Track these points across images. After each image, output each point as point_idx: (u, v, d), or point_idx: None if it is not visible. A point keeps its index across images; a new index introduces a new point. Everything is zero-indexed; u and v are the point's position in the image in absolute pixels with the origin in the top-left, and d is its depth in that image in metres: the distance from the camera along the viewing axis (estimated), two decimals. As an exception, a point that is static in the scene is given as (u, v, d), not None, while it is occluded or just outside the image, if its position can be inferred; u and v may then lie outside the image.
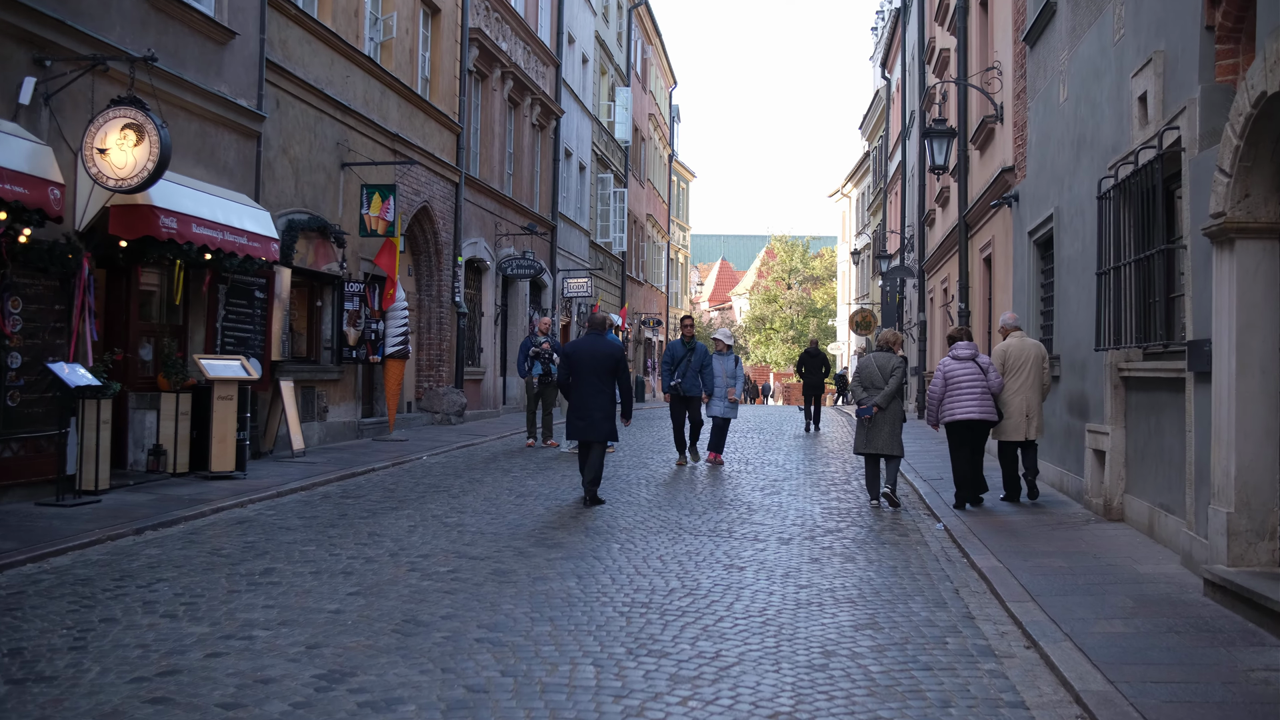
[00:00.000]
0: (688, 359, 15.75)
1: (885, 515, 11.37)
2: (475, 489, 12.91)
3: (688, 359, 15.75)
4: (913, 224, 31.80)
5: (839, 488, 13.50)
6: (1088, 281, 11.07)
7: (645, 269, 49.94)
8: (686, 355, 15.78)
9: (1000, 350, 11.83)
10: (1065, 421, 12.06)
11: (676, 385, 15.68)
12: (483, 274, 26.37)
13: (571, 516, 10.83)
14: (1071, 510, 10.98)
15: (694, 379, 15.72)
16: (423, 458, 16.47)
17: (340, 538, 9.48)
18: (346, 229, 18.08)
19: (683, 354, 15.81)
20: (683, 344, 16.01)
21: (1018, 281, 15.01)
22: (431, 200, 22.28)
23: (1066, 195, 12.11)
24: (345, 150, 18.15)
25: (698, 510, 11.41)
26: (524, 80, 28.03)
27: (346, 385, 18.49)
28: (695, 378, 15.73)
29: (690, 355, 15.79)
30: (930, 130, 17.62)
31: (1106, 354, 10.17)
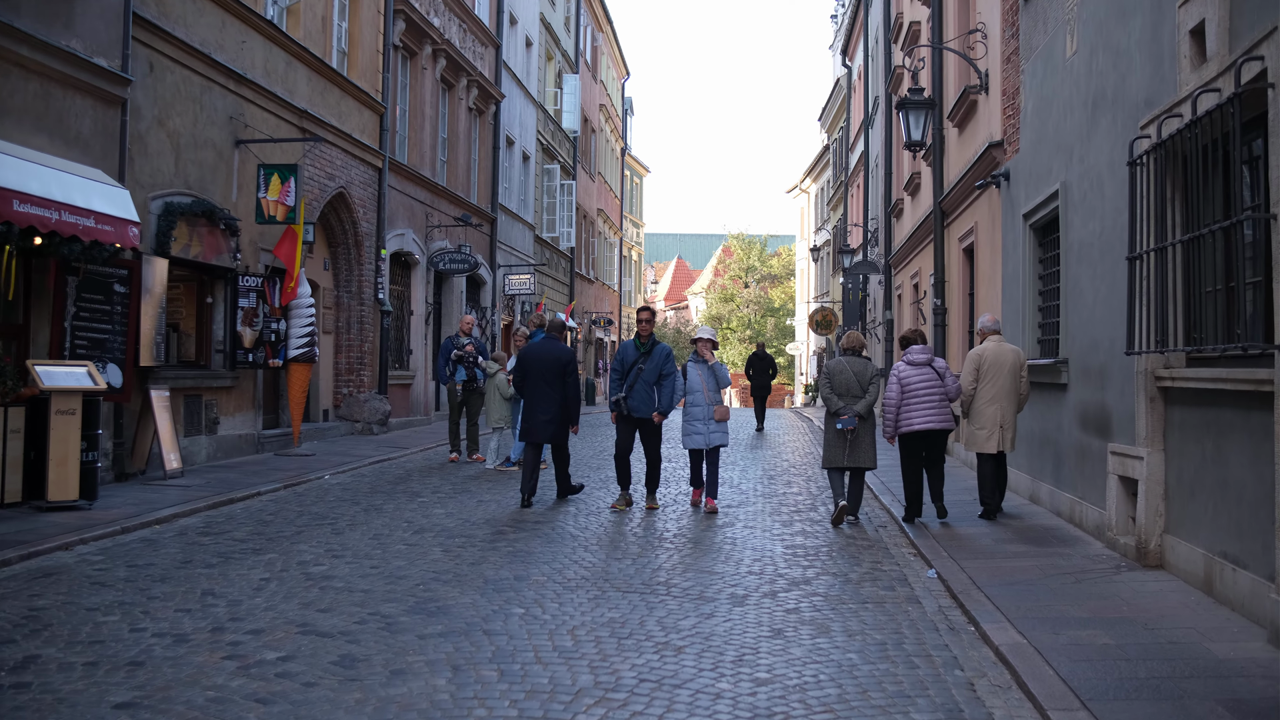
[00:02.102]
0: (639, 365, 11.67)
1: (860, 553, 9.29)
2: (368, 521, 10.71)
3: (639, 365, 11.67)
4: (877, 217, 29.87)
5: (804, 516, 11.41)
6: (1110, 269, 9.04)
7: (596, 266, 47.79)
8: (639, 360, 11.71)
9: (975, 355, 10.81)
10: (1077, 439, 10.03)
11: (620, 401, 11.68)
12: (412, 268, 24.13)
13: (472, 563, 8.66)
14: (1092, 550, 8.93)
15: (645, 394, 11.61)
16: (325, 477, 14.25)
17: (163, 600, 7.26)
18: (242, 215, 15.81)
19: (634, 358, 11.73)
20: (636, 344, 11.79)
21: (1009, 273, 12.99)
22: (349, 186, 20.01)
23: (1077, 167, 10.09)
24: (241, 126, 15.87)
25: (632, 552, 9.27)
26: (459, 60, 25.81)
27: (243, 393, 16.21)
28: (648, 392, 11.62)
29: (644, 360, 11.72)
30: (906, 101, 15.58)
31: (1141, 359, 8.14)
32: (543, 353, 12.31)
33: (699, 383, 11.66)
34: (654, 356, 11.70)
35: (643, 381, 11.61)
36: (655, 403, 11.62)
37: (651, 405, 11.60)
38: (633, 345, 11.79)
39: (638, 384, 11.57)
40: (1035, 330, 11.97)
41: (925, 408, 10.52)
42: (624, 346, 11.85)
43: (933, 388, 10.56)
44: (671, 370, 11.74)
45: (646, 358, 11.67)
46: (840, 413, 10.76)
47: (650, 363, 11.68)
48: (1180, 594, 7.29)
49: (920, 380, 10.58)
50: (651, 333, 11.90)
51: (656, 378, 11.63)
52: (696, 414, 11.66)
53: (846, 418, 10.67)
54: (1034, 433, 11.70)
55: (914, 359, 10.71)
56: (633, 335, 11.88)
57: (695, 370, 11.76)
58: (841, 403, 10.81)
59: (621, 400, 11.66)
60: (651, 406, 11.62)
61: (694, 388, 11.71)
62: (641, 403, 11.58)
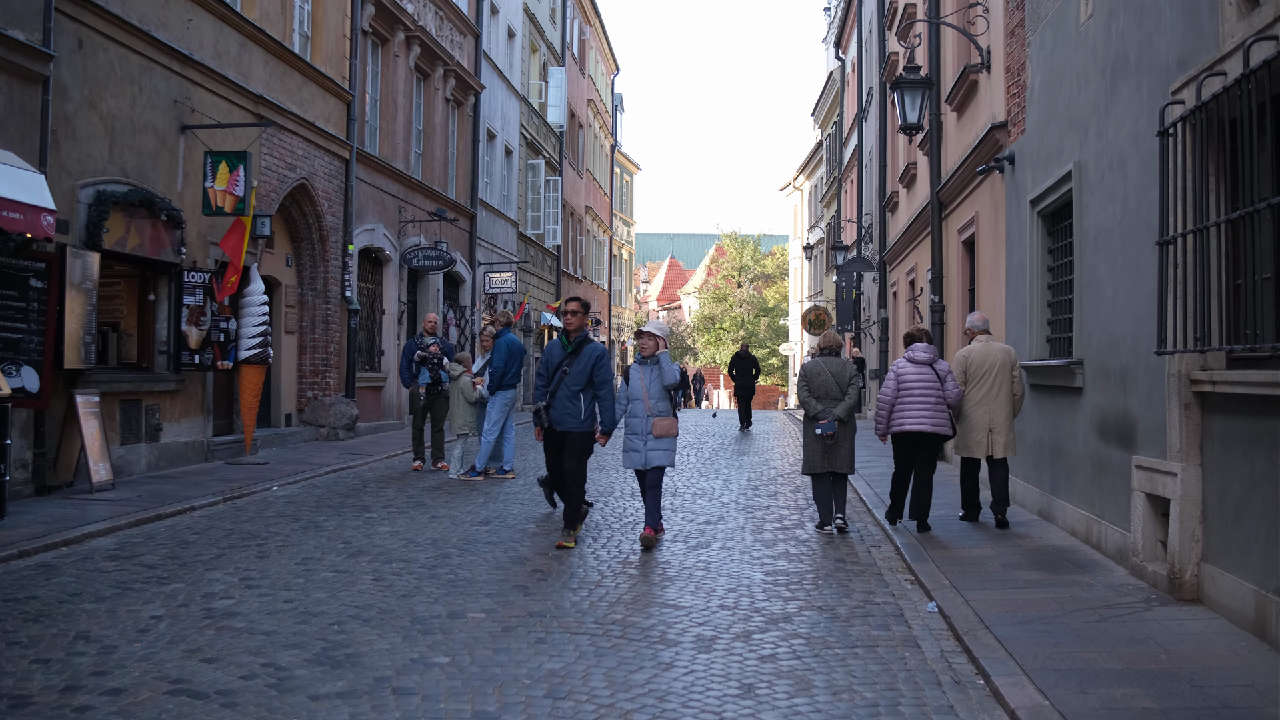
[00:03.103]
0: (564, 368, 9.71)
1: (851, 580, 8.19)
2: (301, 541, 9.59)
3: (564, 368, 9.71)
4: (871, 212, 28.81)
5: (788, 534, 10.30)
6: (1134, 257, 7.94)
7: (584, 265, 46.67)
8: (564, 361, 9.75)
9: (961, 356, 10.40)
10: (1095, 450, 8.91)
11: (541, 412, 9.75)
12: (383, 265, 22.99)
13: (403, 594, 7.53)
14: (1114, 578, 7.81)
15: (569, 402, 9.64)
16: (272, 488, 13.13)
17: (24, 647, 6.12)
18: (188, 206, 14.68)
19: (559, 359, 9.79)
20: (562, 343, 9.82)
21: (1013, 265, 11.89)
22: (313, 177, 18.87)
23: (1093, 144, 8.98)
24: (187, 111, 14.72)
25: (589, 580, 8.15)
26: (434, 48, 24.67)
27: (190, 397, 15.07)
28: (572, 400, 9.64)
29: (569, 362, 9.76)
30: (901, 80, 14.46)
31: (1173, 359, 7.03)
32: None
33: (639, 388, 9.79)
34: (582, 358, 9.66)
35: (567, 388, 9.63)
36: (580, 413, 9.65)
37: (575, 417, 9.63)
38: (559, 344, 9.87)
39: (560, 390, 9.63)
40: (1044, 328, 10.87)
41: (920, 409, 10.00)
42: (549, 346, 9.94)
43: (930, 389, 10.02)
44: (605, 378, 9.73)
45: (573, 359, 9.68)
46: (819, 416, 10.30)
47: (577, 365, 9.66)
48: (1227, 637, 6.17)
49: (918, 380, 10.06)
50: (584, 328, 9.87)
51: (584, 383, 9.65)
52: (635, 426, 9.78)
53: (826, 422, 10.23)
54: (1043, 441, 10.60)
55: (915, 357, 10.16)
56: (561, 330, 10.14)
57: (637, 373, 9.87)
58: (820, 406, 10.36)
59: (542, 410, 9.72)
60: (575, 419, 9.64)
61: (633, 394, 9.82)
62: (564, 413, 9.63)
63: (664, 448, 9.66)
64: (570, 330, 9.77)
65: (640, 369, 9.84)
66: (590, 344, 9.77)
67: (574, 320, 9.79)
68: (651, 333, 9.92)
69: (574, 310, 9.86)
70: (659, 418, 9.67)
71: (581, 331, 9.79)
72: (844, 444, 10.37)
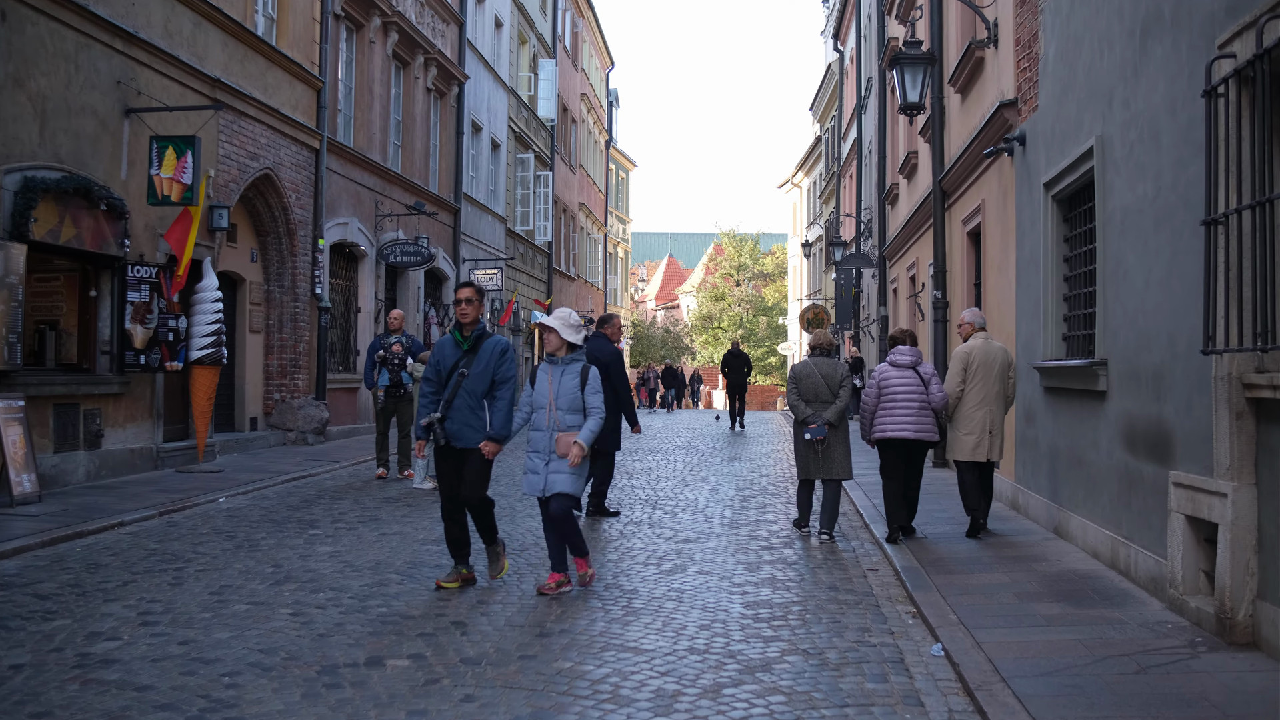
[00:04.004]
0: (461, 370, 7.77)
1: (845, 613, 7.12)
2: (227, 564, 8.51)
3: (461, 370, 7.77)
4: (870, 206, 27.75)
5: (775, 555, 9.22)
6: (1171, 240, 6.87)
7: (578, 262, 45.59)
8: (460, 361, 7.81)
9: (962, 353, 9.82)
10: (1122, 463, 7.83)
11: (432, 425, 7.78)
12: (358, 261, 21.94)
13: (321, 633, 6.46)
14: (1149, 613, 6.73)
15: (469, 413, 7.74)
16: (219, 500, 12.08)
17: None
18: (133, 195, 13.63)
19: (453, 359, 7.86)
20: (455, 338, 7.89)
21: (1024, 256, 10.81)
22: (278, 167, 17.80)
23: (1118, 115, 7.91)
24: (133, 93, 13.65)
25: (540, 616, 7.07)
26: (414, 35, 23.59)
27: (137, 400, 13.99)
28: (473, 410, 7.74)
29: (467, 362, 7.79)
30: (901, 56, 13.36)
31: (1222, 360, 5.96)
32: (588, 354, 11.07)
33: (545, 394, 7.75)
34: (482, 357, 7.76)
35: (466, 394, 7.72)
36: (484, 425, 7.75)
37: (478, 430, 7.70)
38: (451, 341, 7.90)
39: (458, 398, 7.71)
40: (1059, 325, 9.79)
41: (902, 414, 9.55)
42: (439, 344, 7.99)
43: (913, 393, 9.58)
44: (505, 376, 7.77)
45: (471, 359, 7.76)
46: (809, 421, 9.85)
47: (477, 366, 7.74)
48: (1296, 696, 5.11)
49: (901, 384, 9.60)
50: (480, 321, 7.89)
51: (486, 387, 7.77)
52: (536, 442, 7.74)
53: (815, 426, 9.79)
54: (1058, 450, 9.54)
55: (897, 360, 9.73)
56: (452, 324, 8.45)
57: (544, 375, 7.81)
58: (810, 409, 9.88)
59: (435, 424, 7.72)
60: (479, 432, 7.70)
61: (538, 402, 7.76)
62: (463, 426, 7.69)
63: (570, 475, 7.62)
64: (464, 323, 7.84)
65: (549, 370, 7.80)
66: (491, 338, 7.91)
67: (468, 311, 7.81)
68: (550, 325, 7.79)
69: (467, 298, 7.82)
70: (565, 433, 7.61)
71: (479, 324, 7.89)
72: (837, 449, 9.91)
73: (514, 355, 8.01)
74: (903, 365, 9.69)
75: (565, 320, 7.88)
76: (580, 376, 7.72)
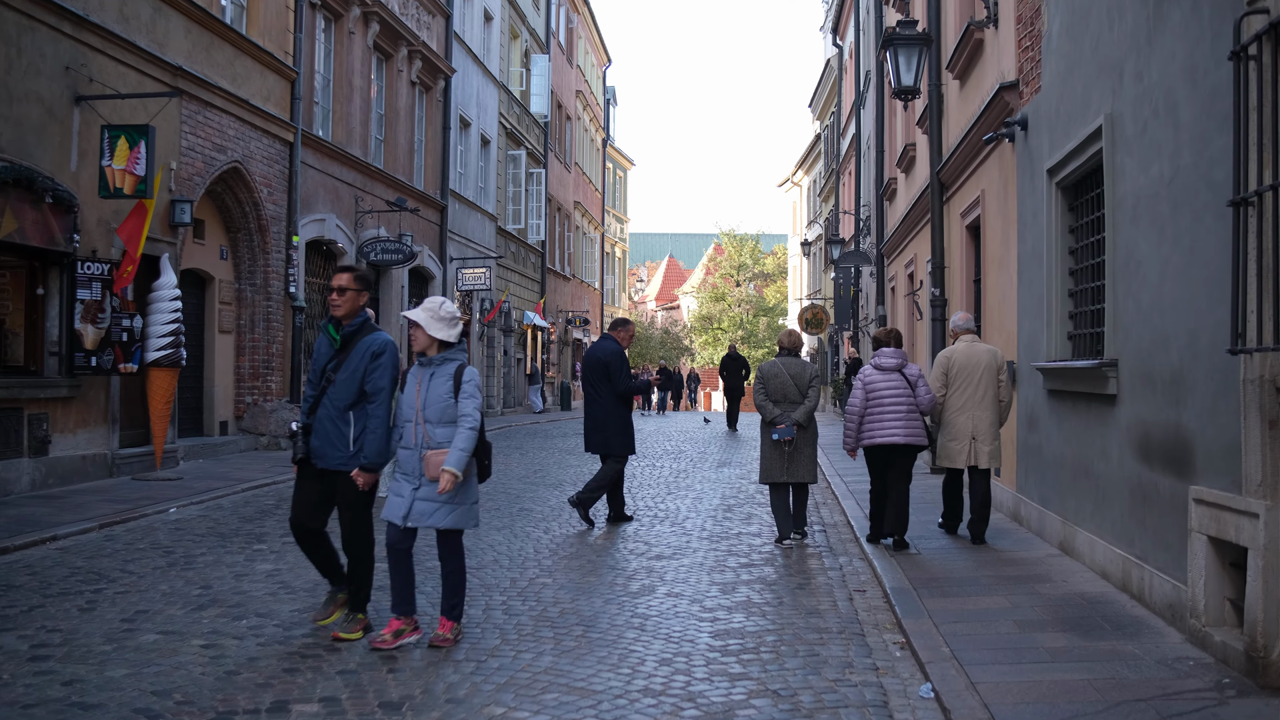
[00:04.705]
0: (329, 374, 6.47)
1: (826, 642, 6.36)
2: (151, 585, 7.75)
3: (329, 374, 6.47)
4: (869, 203, 26.99)
5: (754, 573, 8.46)
6: (1190, 226, 6.11)
7: (573, 262, 44.83)
8: (330, 364, 6.50)
9: (943, 357, 9.59)
10: (1135, 474, 7.05)
11: (296, 437, 6.55)
12: (336, 259, 21.19)
13: (229, 670, 5.68)
14: (1167, 647, 5.95)
15: (336, 425, 6.40)
16: (170, 510, 11.36)
17: None
18: (84, 188, 12.89)
19: (325, 358, 6.56)
20: (329, 334, 6.57)
21: (1026, 250, 10.05)
22: (248, 160, 17.04)
23: (1130, 89, 7.15)
24: (84, 80, 12.91)
25: (484, 644, 6.29)
26: (396, 26, 22.86)
27: (89, 404, 13.24)
28: (340, 422, 6.40)
29: (336, 365, 6.46)
30: (894, 37, 12.59)
31: (1253, 360, 5.19)
32: (592, 354, 11.16)
33: (412, 404, 6.30)
34: (351, 359, 6.39)
35: (330, 404, 6.39)
36: (350, 442, 6.38)
37: (342, 449, 6.36)
38: (325, 339, 6.59)
39: (321, 408, 6.41)
40: (1065, 323, 9.02)
41: (892, 419, 9.22)
42: (317, 343, 6.66)
43: (901, 396, 9.26)
44: (379, 385, 6.35)
45: (342, 360, 6.42)
46: (776, 421, 9.62)
47: (345, 370, 6.38)
48: (1346, 758, 4.34)
49: (888, 387, 9.27)
50: (361, 313, 6.55)
51: (353, 398, 6.39)
52: (403, 461, 6.32)
53: (784, 427, 9.56)
54: (1064, 459, 8.77)
55: (882, 363, 9.39)
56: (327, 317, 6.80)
57: (413, 380, 6.38)
58: (778, 410, 9.67)
59: (296, 435, 6.52)
60: (343, 450, 6.37)
61: (404, 413, 6.35)
62: (326, 442, 6.39)
63: (443, 506, 6.19)
64: (340, 318, 6.49)
65: (418, 373, 6.35)
66: (369, 336, 6.45)
67: (342, 303, 6.46)
68: (414, 319, 6.32)
69: (341, 286, 6.48)
70: (436, 451, 6.15)
71: (357, 317, 6.50)
72: (804, 451, 9.72)
73: (394, 359, 6.45)
74: (888, 368, 9.36)
75: (433, 312, 6.32)
76: (453, 380, 6.24)
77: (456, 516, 6.25)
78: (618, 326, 11.61)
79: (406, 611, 6.27)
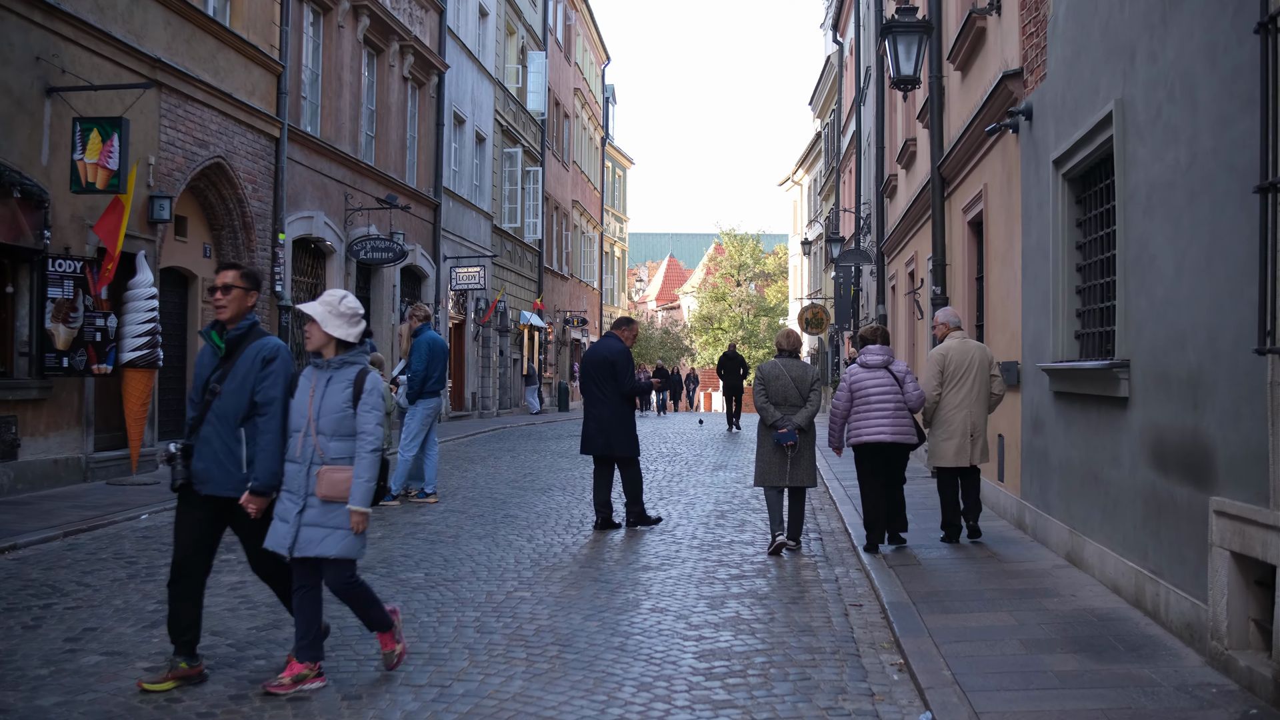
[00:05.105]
0: (213, 385, 5.58)
1: (819, 665, 5.92)
2: (106, 600, 7.32)
3: (213, 385, 5.58)
4: (869, 201, 26.55)
5: (745, 586, 8.01)
6: (1210, 216, 5.67)
7: (571, 261, 44.38)
8: (214, 374, 5.62)
9: (937, 355, 9.38)
10: (1149, 483, 6.61)
11: (174, 459, 5.58)
12: (326, 258, 20.76)
13: (170, 699, 5.24)
14: (1186, 671, 5.50)
15: (224, 442, 5.55)
16: (141, 517, 10.96)
17: None
18: (57, 182, 12.46)
19: (209, 369, 5.66)
20: (213, 340, 5.69)
21: (1031, 245, 9.60)
22: (232, 156, 16.60)
23: (1143, 72, 6.70)
24: (56, 71, 12.48)
25: (450, 669, 5.85)
26: (387, 20, 22.43)
27: (61, 407, 12.81)
28: (229, 439, 5.56)
29: (222, 374, 5.59)
30: (893, 24, 12.14)
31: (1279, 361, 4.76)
32: (595, 352, 10.86)
33: (304, 412, 5.47)
34: (239, 368, 5.56)
35: (216, 419, 5.53)
36: (240, 464, 5.55)
37: (231, 471, 5.53)
38: (208, 347, 5.72)
39: (205, 425, 5.54)
40: (1071, 321, 8.58)
41: (878, 416, 9.02)
42: (200, 353, 5.78)
43: (887, 394, 9.05)
44: (270, 396, 5.51)
45: (227, 370, 5.58)
46: (778, 425, 9.27)
47: (232, 381, 5.54)
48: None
49: (874, 385, 9.08)
50: (248, 315, 5.72)
51: (243, 411, 5.56)
52: (289, 478, 5.46)
53: (785, 430, 9.20)
54: (1071, 464, 8.32)
55: (868, 361, 9.21)
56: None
57: (306, 384, 5.53)
58: (779, 413, 9.32)
59: (175, 457, 5.57)
60: (231, 473, 5.53)
61: (294, 422, 5.51)
62: (215, 463, 5.52)
63: (333, 523, 5.35)
64: (224, 321, 5.67)
65: (314, 376, 5.53)
66: (259, 341, 5.65)
67: (227, 303, 5.63)
68: (308, 314, 5.53)
69: (226, 284, 5.65)
70: (331, 468, 5.38)
71: (244, 320, 5.68)
72: (805, 455, 9.37)
73: (288, 366, 5.62)
74: (874, 366, 9.18)
75: (331, 306, 5.50)
76: (353, 387, 5.42)
77: (347, 544, 5.37)
78: (621, 325, 11.32)
79: (309, 656, 5.46)
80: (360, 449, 5.36)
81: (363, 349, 5.59)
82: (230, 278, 5.68)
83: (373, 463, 5.37)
